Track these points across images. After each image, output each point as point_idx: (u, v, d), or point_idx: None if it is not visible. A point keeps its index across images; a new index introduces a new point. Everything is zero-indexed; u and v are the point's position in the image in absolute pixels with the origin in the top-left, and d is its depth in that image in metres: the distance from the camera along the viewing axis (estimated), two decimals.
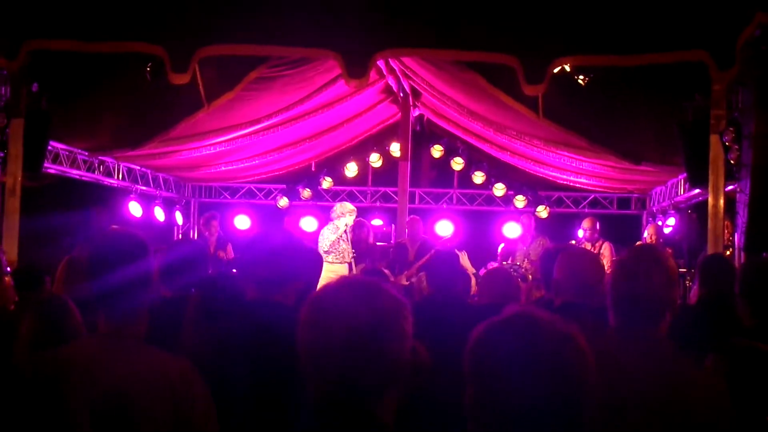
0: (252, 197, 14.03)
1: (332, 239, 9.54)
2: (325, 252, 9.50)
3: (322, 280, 5.42)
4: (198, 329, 3.28)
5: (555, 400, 1.77)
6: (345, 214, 9.77)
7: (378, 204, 13.62)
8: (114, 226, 9.53)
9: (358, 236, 10.17)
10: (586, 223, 10.45)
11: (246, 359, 2.81)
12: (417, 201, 13.57)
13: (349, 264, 9.80)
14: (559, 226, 12.27)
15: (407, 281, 9.17)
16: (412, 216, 11.06)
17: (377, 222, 12.35)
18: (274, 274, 3.10)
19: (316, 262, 4.67)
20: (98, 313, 2.57)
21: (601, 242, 10.27)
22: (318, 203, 13.42)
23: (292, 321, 2.00)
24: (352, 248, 9.83)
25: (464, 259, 9.10)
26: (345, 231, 9.66)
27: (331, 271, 8.99)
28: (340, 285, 1.96)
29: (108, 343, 2.52)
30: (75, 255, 4.74)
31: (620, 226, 12.44)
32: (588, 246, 10.02)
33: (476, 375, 1.83)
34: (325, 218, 12.23)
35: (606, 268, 8.80)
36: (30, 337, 2.92)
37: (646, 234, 10.88)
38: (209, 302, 3.32)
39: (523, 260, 9.95)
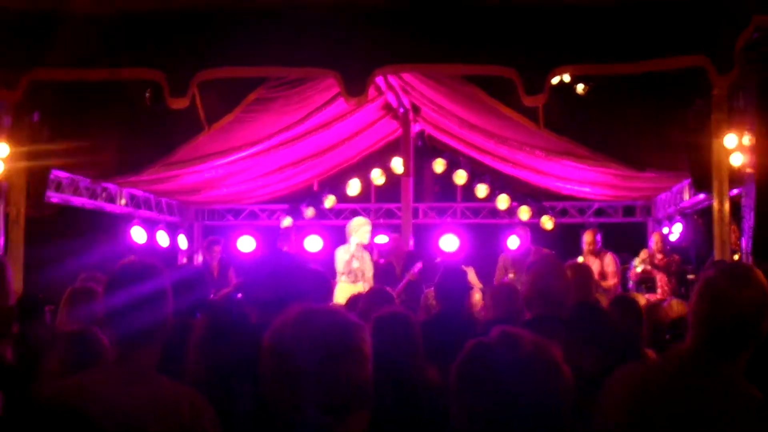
0: (255, 218, 14.09)
1: (345, 259, 9.37)
2: (340, 273, 9.43)
3: (341, 301, 5.35)
4: (204, 354, 3.28)
5: (537, 415, 1.85)
6: (356, 230, 9.56)
7: (382, 221, 13.66)
8: (131, 257, 9.41)
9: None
10: (586, 237, 10.45)
11: (252, 384, 2.78)
12: (421, 216, 13.65)
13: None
14: (565, 237, 12.26)
15: (397, 297, 9.17)
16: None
17: (382, 239, 12.16)
18: (277, 296, 3.12)
19: (321, 283, 4.62)
20: (111, 338, 2.62)
21: (603, 253, 10.25)
22: (322, 222, 13.46)
23: None
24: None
25: (471, 275, 9.10)
26: (357, 249, 9.46)
27: (349, 291, 8.85)
28: (298, 313, 2.00)
29: (120, 372, 2.53)
30: (78, 285, 4.79)
31: (625, 234, 12.49)
32: (591, 259, 9.99)
33: (460, 393, 1.93)
34: (329, 237, 12.36)
35: (612, 277, 8.78)
36: (60, 368, 2.98)
37: (652, 241, 10.85)
38: (214, 327, 3.31)
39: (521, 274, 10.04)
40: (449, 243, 12.46)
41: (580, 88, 7.31)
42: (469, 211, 13.75)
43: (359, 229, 9.50)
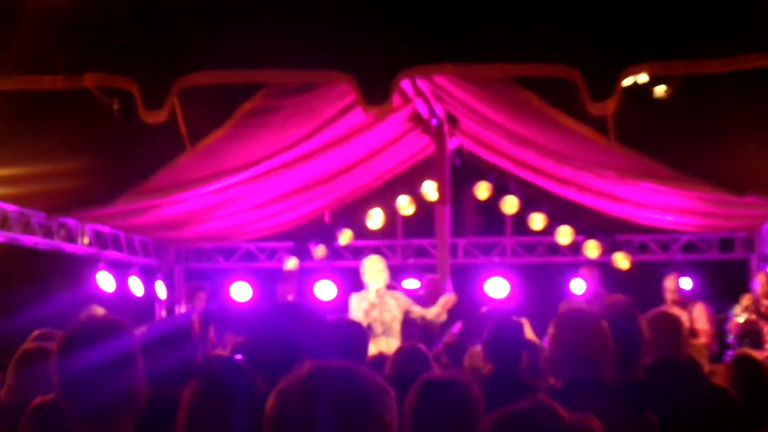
0: (252, 260, 14.21)
1: (362, 308, 9.45)
2: None
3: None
4: None
5: None
6: (366, 273, 9.66)
7: (412, 260, 13.75)
8: (95, 311, 9.64)
9: None
10: (668, 284, 10.62)
11: None
12: (461, 254, 13.74)
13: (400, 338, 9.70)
14: (644, 279, 12.30)
15: (435, 359, 9.15)
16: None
17: (411, 284, 12.45)
18: (284, 359, 3.18)
19: (351, 341, 4.76)
20: (69, 413, 2.65)
21: (692, 304, 10.33)
22: (335, 263, 13.57)
23: None
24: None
25: (527, 329, 8.94)
26: (377, 294, 9.54)
27: (373, 348, 8.82)
28: (308, 372, 2.07)
29: None
30: (30, 345, 4.82)
31: (723, 274, 12.60)
32: (677, 310, 9.89)
33: None
34: (344, 282, 12.57)
35: (703, 335, 8.93)
36: None
37: (757, 283, 10.84)
38: (208, 398, 3.34)
39: None
40: (497, 288, 12.70)
41: (660, 90, 7.24)
42: (521, 247, 13.86)
43: (368, 270, 9.61)
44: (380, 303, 9.44)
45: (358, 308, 9.48)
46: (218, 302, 12.31)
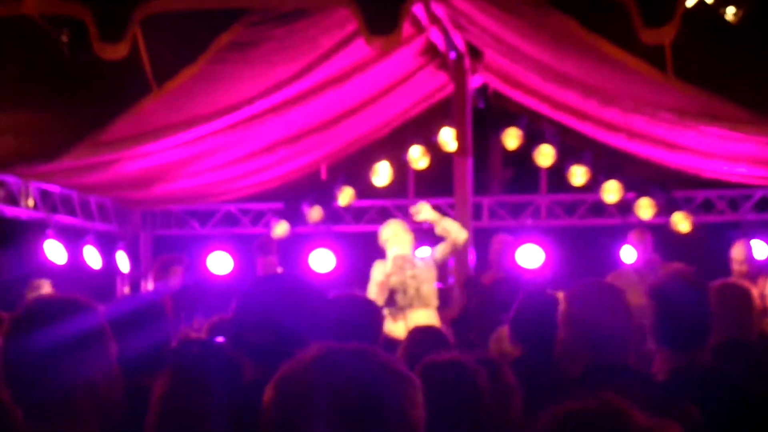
0: (233, 224, 14.18)
1: (378, 281, 9.56)
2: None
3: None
4: (169, 429, 3.34)
5: None
6: (388, 242, 9.83)
7: (426, 224, 12.94)
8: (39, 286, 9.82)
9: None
10: (735, 253, 10.61)
11: None
12: (485, 216, 13.77)
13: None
14: (708, 244, 12.37)
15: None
16: (499, 236, 11.81)
17: (425, 251, 12.08)
18: (278, 341, 3.23)
19: (362, 320, 4.87)
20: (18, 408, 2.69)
21: (763, 277, 10.31)
22: (333, 228, 13.66)
23: None
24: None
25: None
26: (396, 264, 9.70)
27: (391, 331, 9.07)
28: (316, 355, 2.14)
29: None
30: None
31: None
32: (746, 282, 9.90)
33: None
34: (345, 250, 12.83)
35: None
36: None
37: None
38: (185, 388, 3.37)
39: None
40: (529, 256, 12.51)
41: (729, 12, 7.21)
42: (559, 207, 13.88)
43: (391, 239, 9.78)
44: (402, 267, 9.59)
45: (373, 282, 9.61)
46: (195, 277, 12.34)
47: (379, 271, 9.60)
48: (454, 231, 9.83)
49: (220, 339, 4.54)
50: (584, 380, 3.93)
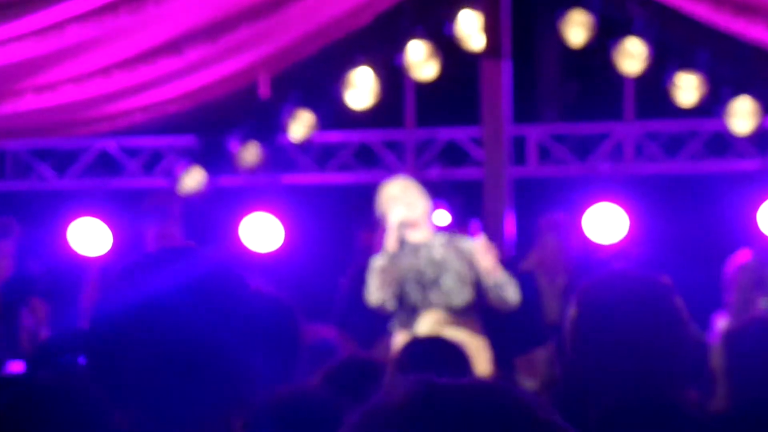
0: (113, 172, 13.02)
1: (380, 268, 8.77)
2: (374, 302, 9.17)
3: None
4: None
5: None
6: (393, 203, 8.96)
7: (433, 171, 12.36)
8: None
9: None
10: None
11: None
12: (532, 158, 12.42)
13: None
14: None
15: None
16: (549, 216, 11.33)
17: (441, 215, 10.77)
18: (181, 360, 2.93)
19: (276, 325, 4.76)
20: None
21: None
22: (282, 178, 12.54)
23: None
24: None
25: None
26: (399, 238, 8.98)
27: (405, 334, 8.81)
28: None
29: None
30: None
31: None
32: None
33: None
34: (301, 214, 12.20)
35: None
36: None
37: None
38: None
39: None
40: (605, 222, 11.83)
41: None
42: (654, 142, 12.30)
43: (389, 201, 9.00)
44: (416, 249, 8.90)
45: (377, 263, 8.94)
46: (46, 258, 11.65)
47: (381, 256, 9.04)
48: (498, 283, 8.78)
49: (79, 357, 4.74)
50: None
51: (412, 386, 1.85)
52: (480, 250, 8.75)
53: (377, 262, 8.61)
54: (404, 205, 8.65)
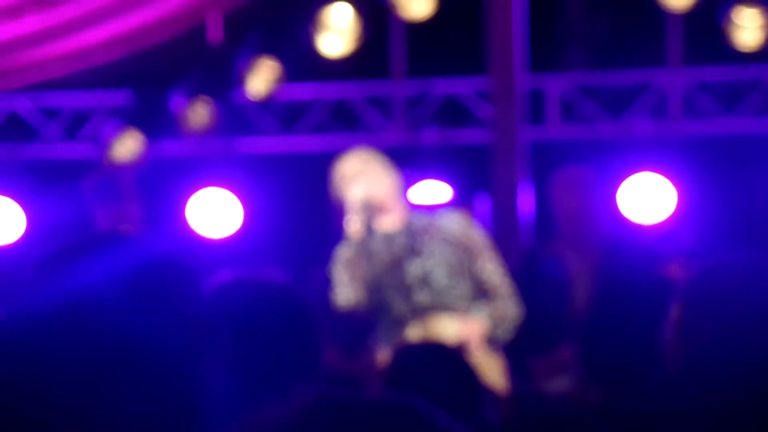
0: (27, 138, 12.18)
1: (345, 260, 8.10)
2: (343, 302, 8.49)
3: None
4: None
5: None
6: (352, 182, 8.15)
7: (431, 133, 11.68)
8: None
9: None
10: None
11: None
12: (554, 116, 11.56)
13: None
14: None
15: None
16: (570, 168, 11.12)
17: (433, 194, 11.04)
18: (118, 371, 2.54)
19: (245, 324, 4.03)
20: None
21: None
22: (237, 144, 11.75)
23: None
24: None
25: None
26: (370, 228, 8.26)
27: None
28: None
29: None
30: None
31: None
32: None
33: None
34: (255, 189, 11.71)
35: None
36: None
37: None
38: None
39: None
40: (646, 196, 11.08)
41: None
42: (706, 93, 11.47)
43: (343, 183, 8.14)
44: (388, 240, 8.16)
45: (342, 253, 8.21)
46: None
47: (344, 245, 8.29)
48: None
49: None
50: None
51: (309, 398, 1.98)
52: (462, 333, 7.86)
53: (341, 251, 7.92)
54: (366, 183, 7.92)
